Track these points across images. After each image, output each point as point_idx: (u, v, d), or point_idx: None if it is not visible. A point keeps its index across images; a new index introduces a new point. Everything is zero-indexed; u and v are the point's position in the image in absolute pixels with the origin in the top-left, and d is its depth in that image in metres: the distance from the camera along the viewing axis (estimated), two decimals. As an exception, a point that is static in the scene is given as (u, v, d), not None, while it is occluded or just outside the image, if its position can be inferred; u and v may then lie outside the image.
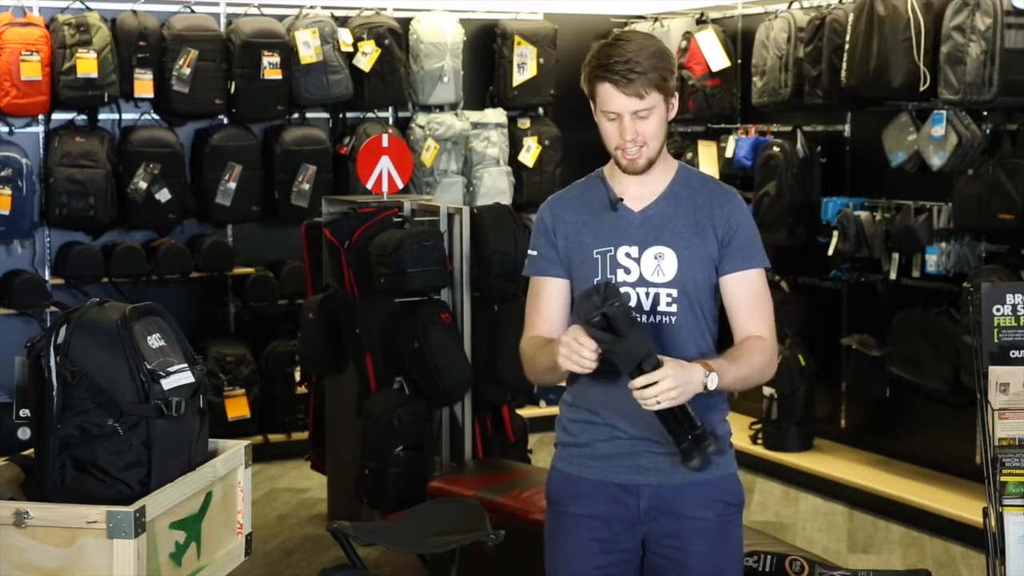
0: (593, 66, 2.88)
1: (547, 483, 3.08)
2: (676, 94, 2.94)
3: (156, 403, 2.79)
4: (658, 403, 2.67)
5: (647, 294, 2.91)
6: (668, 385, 2.66)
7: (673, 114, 2.94)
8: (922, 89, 6.12)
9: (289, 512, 6.45)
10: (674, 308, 2.90)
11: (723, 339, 2.99)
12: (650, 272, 2.91)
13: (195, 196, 7.38)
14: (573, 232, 2.97)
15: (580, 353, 2.70)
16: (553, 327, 2.98)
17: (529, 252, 3.04)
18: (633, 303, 2.90)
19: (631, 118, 2.85)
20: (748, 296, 2.95)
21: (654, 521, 2.93)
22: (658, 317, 2.90)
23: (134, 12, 7.18)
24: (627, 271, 2.91)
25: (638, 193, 2.96)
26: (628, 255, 2.92)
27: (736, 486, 3.01)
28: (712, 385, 2.75)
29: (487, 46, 8.26)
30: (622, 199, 2.95)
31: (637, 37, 2.88)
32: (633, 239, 2.93)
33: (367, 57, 7.63)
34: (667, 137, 2.96)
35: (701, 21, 7.96)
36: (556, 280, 2.99)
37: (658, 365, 2.66)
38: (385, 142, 6.03)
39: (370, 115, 7.90)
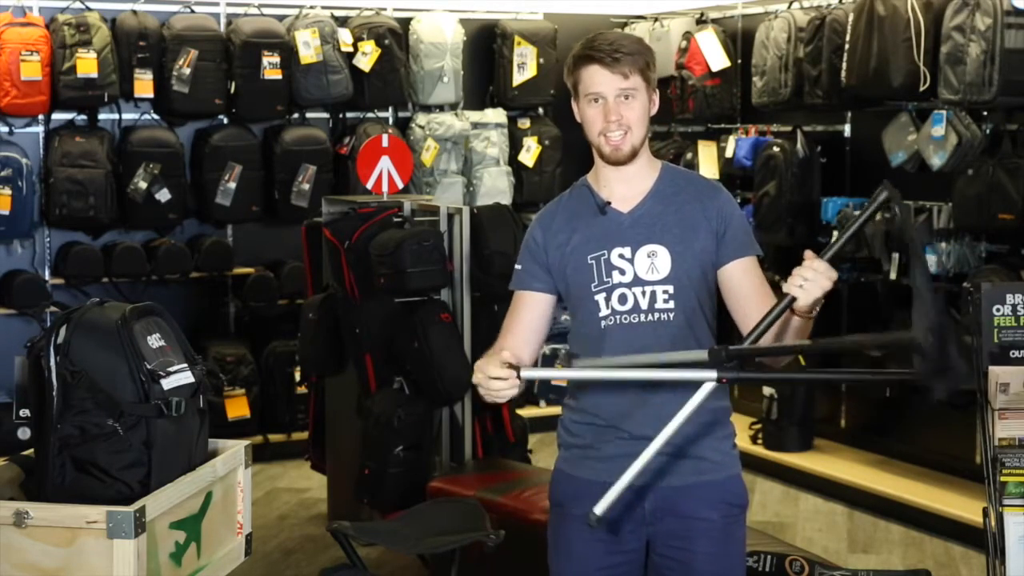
0: (577, 53, 2.94)
1: (551, 485, 3.08)
2: (656, 91, 2.98)
3: (156, 403, 2.79)
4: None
5: (643, 292, 2.91)
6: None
7: (654, 110, 2.97)
8: (922, 89, 6.12)
9: (289, 512, 6.44)
10: (671, 304, 2.91)
11: (721, 337, 2.99)
12: (644, 271, 2.92)
13: (195, 196, 7.37)
14: (565, 242, 2.98)
15: (491, 386, 2.73)
16: (524, 339, 2.99)
17: (515, 267, 3.07)
18: (630, 303, 2.91)
19: (615, 99, 2.88)
20: (755, 282, 2.95)
21: (660, 522, 2.93)
22: (656, 315, 2.91)
23: (134, 12, 7.18)
24: (622, 272, 2.92)
25: (624, 195, 2.98)
26: (622, 256, 2.93)
27: (740, 487, 3.02)
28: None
29: (487, 46, 8.26)
30: (609, 202, 2.97)
31: (618, 31, 2.91)
32: (625, 240, 2.94)
33: (367, 57, 7.63)
34: (649, 132, 2.99)
35: (701, 21, 7.96)
36: (536, 294, 3.01)
37: None
38: (385, 142, 6.02)
39: (370, 115, 7.90)
